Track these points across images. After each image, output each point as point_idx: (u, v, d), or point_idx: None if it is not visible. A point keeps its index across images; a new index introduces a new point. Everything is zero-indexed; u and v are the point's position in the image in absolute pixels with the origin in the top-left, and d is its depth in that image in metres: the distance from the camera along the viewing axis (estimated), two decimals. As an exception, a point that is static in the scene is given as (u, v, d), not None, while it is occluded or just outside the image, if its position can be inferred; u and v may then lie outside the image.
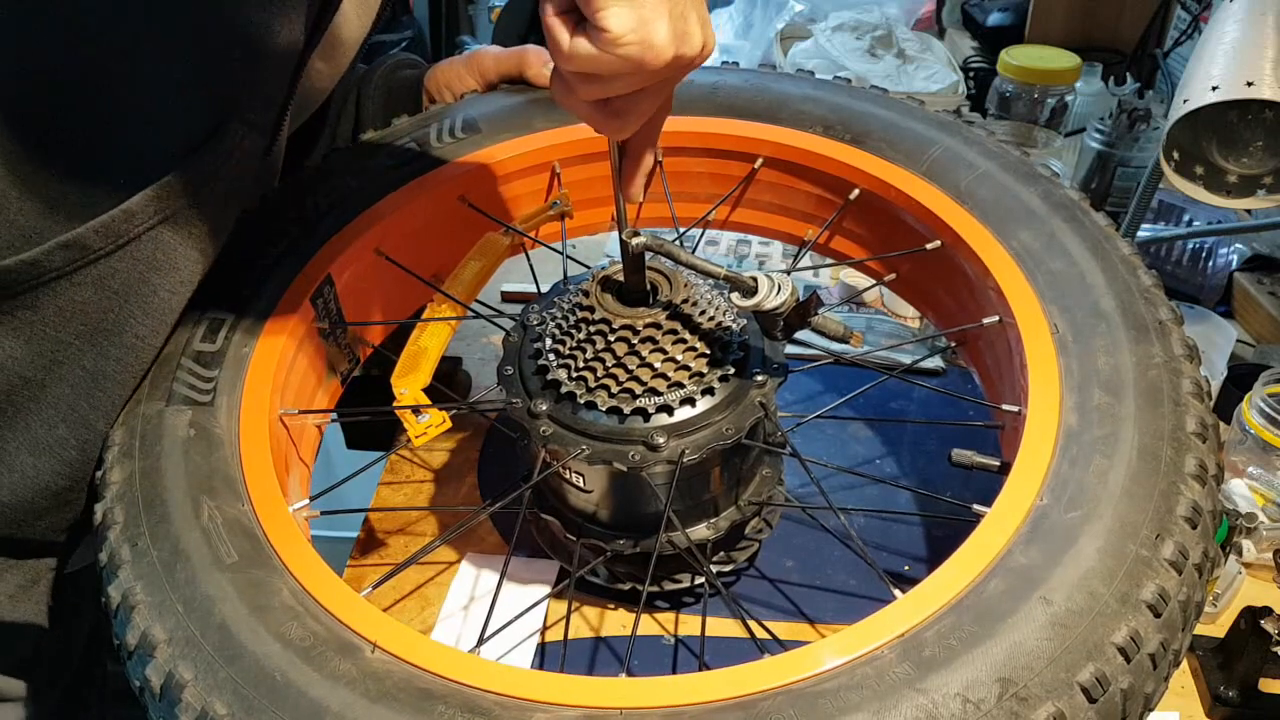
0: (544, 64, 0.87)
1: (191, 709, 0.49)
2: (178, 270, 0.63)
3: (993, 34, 1.61)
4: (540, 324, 0.68)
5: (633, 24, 0.46)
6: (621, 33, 0.46)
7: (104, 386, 0.63)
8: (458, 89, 0.91)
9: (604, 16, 0.46)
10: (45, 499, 0.64)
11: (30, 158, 0.56)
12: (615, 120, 0.53)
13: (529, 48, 0.89)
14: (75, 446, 0.63)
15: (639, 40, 0.47)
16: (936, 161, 0.74)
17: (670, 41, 0.48)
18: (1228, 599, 0.76)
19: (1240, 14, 0.84)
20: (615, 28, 0.46)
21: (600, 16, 0.46)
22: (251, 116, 0.64)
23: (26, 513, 0.65)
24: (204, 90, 0.61)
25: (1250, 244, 1.18)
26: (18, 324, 0.59)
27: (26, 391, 0.61)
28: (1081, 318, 0.62)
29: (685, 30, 0.49)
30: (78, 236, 0.58)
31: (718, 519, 0.71)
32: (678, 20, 0.48)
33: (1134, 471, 0.54)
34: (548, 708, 0.48)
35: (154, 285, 0.62)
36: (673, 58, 0.48)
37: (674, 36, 0.48)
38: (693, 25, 0.49)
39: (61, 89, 0.57)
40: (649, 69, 0.48)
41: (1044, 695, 0.46)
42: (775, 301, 0.61)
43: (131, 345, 0.63)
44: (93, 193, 0.58)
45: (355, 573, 0.80)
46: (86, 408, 0.62)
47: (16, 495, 0.64)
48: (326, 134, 0.93)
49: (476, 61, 0.91)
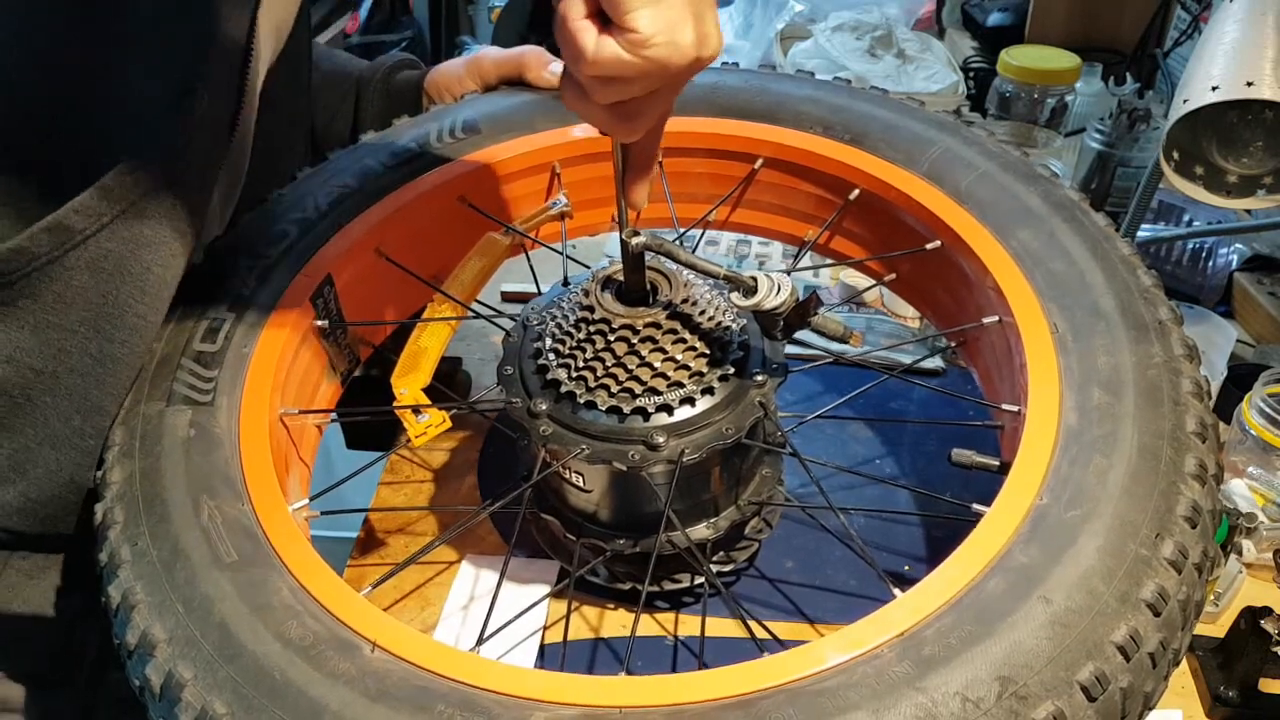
0: (544, 66, 0.88)
1: (191, 708, 0.49)
2: (166, 244, 0.63)
3: (993, 34, 1.61)
4: (540, 324, 0.68)
5: (661, 25, 0.47)
6: (651, 34, 0.47)
7: (113, 371, 0.63)
8: (457, 91, 0.92)
9: (633, 18, 0.47)
10: (73, 493, 0.65)
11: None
12: (627, 123, 0.54)
13: (528, 50, 0.89)
14: (93, 435, 0.64)
15: (667, 40, 0.48)
16: (936, 162, 0.74)
17: (694, 43, 0.49)
18: (1228, 599, 0.76)
19: (1240, 14, 0.83)
20: (645, 29, 0.47)
21: (630, 18, 0.47)
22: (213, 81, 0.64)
23: (58, 508, 0.65)
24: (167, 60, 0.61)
25: (1250, 244, 1.18)
26: (21, 314, 0.60)
27: (40, 384, 0.62)
28: (1081, 317, 0.62)
29: (705, 32, 0.49)
30: (57, 219, 0.58)
31: (717, 519, 0.71)
32: (699, 22, 0.49)
33: (1134, 471, 0.54)
34: (547, 706, 0.48)
35: (145, 263, 0.63)
36: (694, 59, 0.49)
37: (697, 38, 0.49)
38: (710, 26, 0.50)
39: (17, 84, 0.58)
40: (672, 70, 0.49)
41: (1043, 694, 0.46)
42: (775, 301, 0.61)
43: (134, 326, 0.63)
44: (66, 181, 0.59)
45: (355, 572, 0.80)
46: (98, 394, 0.63)
47: (45, 491, 0.64)
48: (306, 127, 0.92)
49: (476, 64, 0.91)
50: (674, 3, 0.47)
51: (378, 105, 0.96)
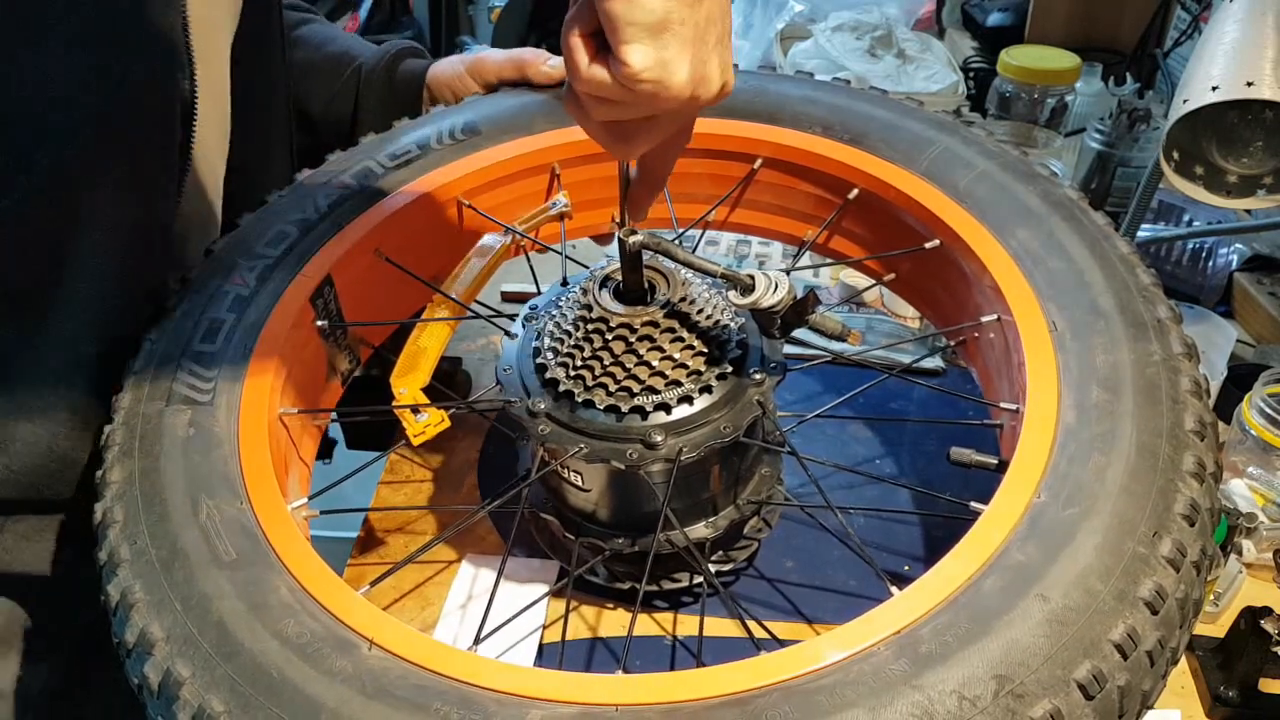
0: (544, 62, 0.88)
1: (189, 706, 0.49)
2: (99, 222, 0.64)
3: (993, 34, 1.61)
4: (539, 323, 0.68)
5: (652, 63, 0.46)
6: (640, 70, 0.46)
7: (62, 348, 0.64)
8: (459, 89, 0.92)
9: (626, 51, 0.45)
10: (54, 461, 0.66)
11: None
12: (622, 144, 0.53)
13: (527, 51, 0.89)
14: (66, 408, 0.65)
15: (656, 79, 0.46)
16: (935, 161, 0.74)
17: (688, 84, 0.47)
18: (1228, 599, 0.76)
19: (1240, 14, 0.83)
20: (635, 64, 0.46)
21: (623, 50, 0.45)
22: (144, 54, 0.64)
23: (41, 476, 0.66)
24: (88, 39, 0.61)
25: (1250, 244, 1.17)
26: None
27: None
28: (1080, 316, 0.62)
29: (705, 75, 0.48)
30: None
31: (716, 518, 0.71)
32: (698, 65, 0.47)
33: (1132, 469, 0.54)
34: (544, 704, 0.48)
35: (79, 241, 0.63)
36: (689, 99, 0.48)
37: (692, 81, 0.47)
38: (713, 69, 0.49)
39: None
40: (662, 107, 0.48)
41: (1040, 692, 0.46)
42: (772, 299, 0.61)
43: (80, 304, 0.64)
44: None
45: (355, 572, 0.80)
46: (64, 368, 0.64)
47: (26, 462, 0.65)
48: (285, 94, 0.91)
49: (478, 66, 0.91)
50: (673, 41, 0.46)
51: (379, 93, 0.96)
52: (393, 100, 0.95)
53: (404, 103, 0.95)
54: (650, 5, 0.44)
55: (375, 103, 0.96)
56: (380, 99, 0.96)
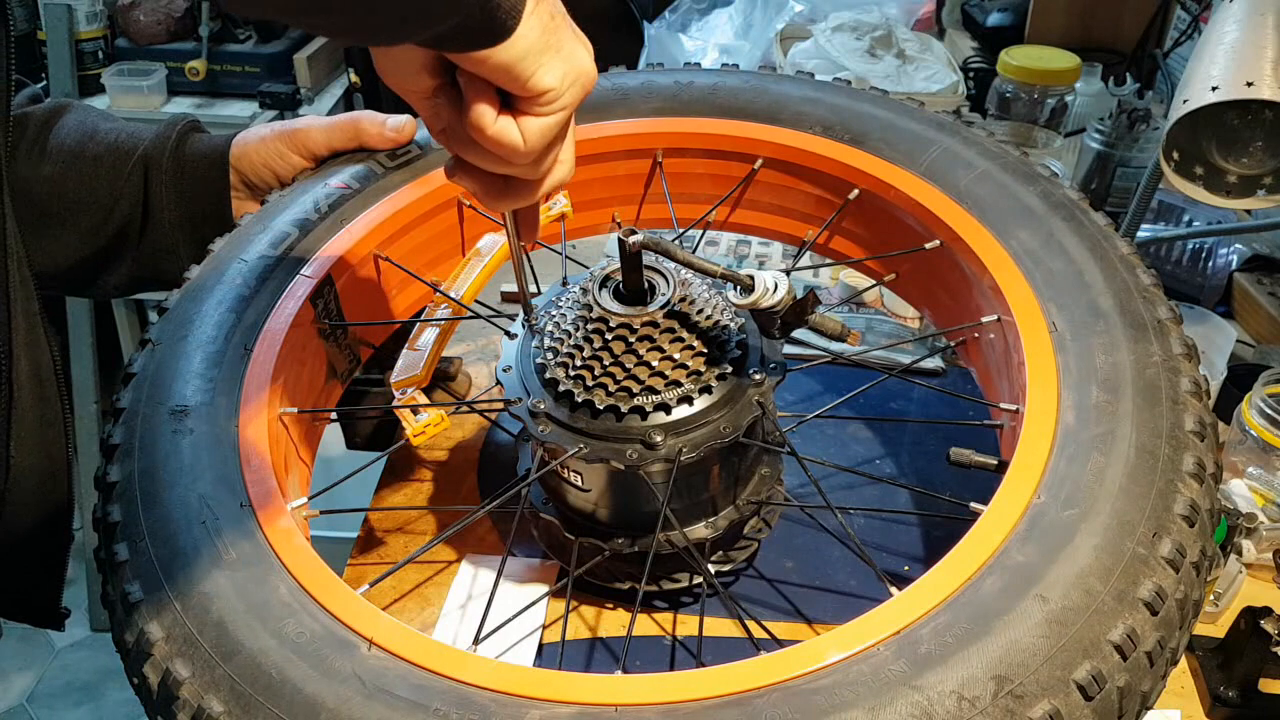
0: (381, 126, 0.82)
1: (188, 706, 0.49)
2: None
3: (993, 34, 1.61)
4: (539, 323, 0.68)
5: (561, 72, 0.49)
6: (555, 83, 0.49)
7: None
8: (280, 168, 0.83)
9: (538, 80, 0.48)
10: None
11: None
12: (506, 197, 0.56)
13: (361, 115, 0.82)
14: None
15: (575, 81, 0.50)
16: (935, 162, 0.74)
17: (589, 56, 0.51)
18: (1228, 599, 0.76)
19: (1240, 14, 0.83)
20: (552, 81, 0.49)
21: (533, 82, 0.48)
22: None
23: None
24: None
25: (1250, 244, 1.17)
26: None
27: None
28: (1080, 316, 0.62)
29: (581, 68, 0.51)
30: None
31: (716, 518, 0.71)
32: (579, 40, 0.51)
33: (1131, 469, 0.54)
34: (543, 704, 0.48)
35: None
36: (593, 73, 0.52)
37: (588, 52, 0.51)
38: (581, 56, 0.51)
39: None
40: (579, 100, 0.52)
41: (1040, 693, 0.46)
42: (772, 299, 0.62)
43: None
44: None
45: (355, 572, 0.80)
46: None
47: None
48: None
49: (300, 138, 0.82)
50: (561, 41, 0.49)
51: (170, 179, 0.83)
52: (187, 190, 0.84)
53: (202, 189, 0.84)
54: (526, 30, 0.47)
55: (169, 196, 0.84)
56: (172, 187, 0.84)
